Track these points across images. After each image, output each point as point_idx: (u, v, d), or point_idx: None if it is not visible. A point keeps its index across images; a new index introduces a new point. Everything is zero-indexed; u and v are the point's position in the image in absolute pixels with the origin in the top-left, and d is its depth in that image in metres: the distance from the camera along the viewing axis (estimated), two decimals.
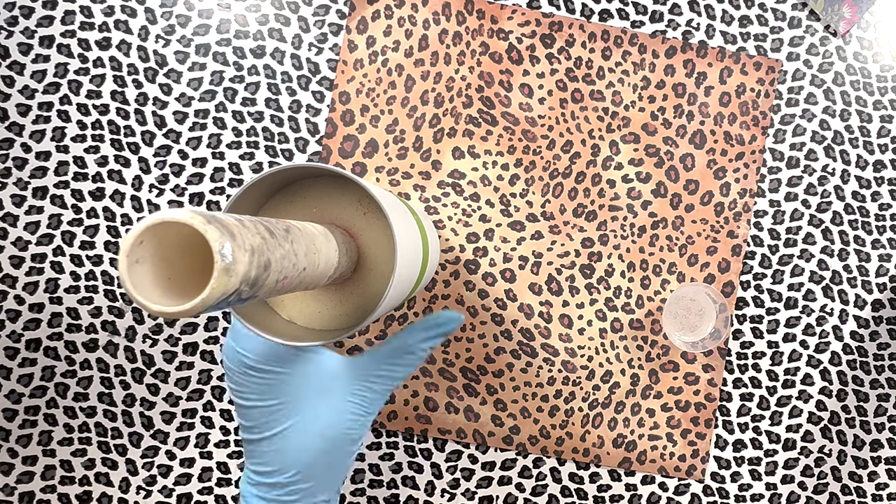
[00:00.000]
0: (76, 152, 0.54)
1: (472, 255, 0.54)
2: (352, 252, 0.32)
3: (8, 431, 0.53)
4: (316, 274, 0.28)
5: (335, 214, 0.34)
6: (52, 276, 0.54)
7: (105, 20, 0.54)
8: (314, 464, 0.36)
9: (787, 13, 0.56)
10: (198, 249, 0.24)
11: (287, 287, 0.26)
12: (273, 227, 0.25)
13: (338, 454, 0.37)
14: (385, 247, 0.34)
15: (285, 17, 0.54)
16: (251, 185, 0.29)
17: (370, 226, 0.34)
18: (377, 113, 0.54)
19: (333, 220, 0.34)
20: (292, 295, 0.34)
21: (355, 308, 0.34)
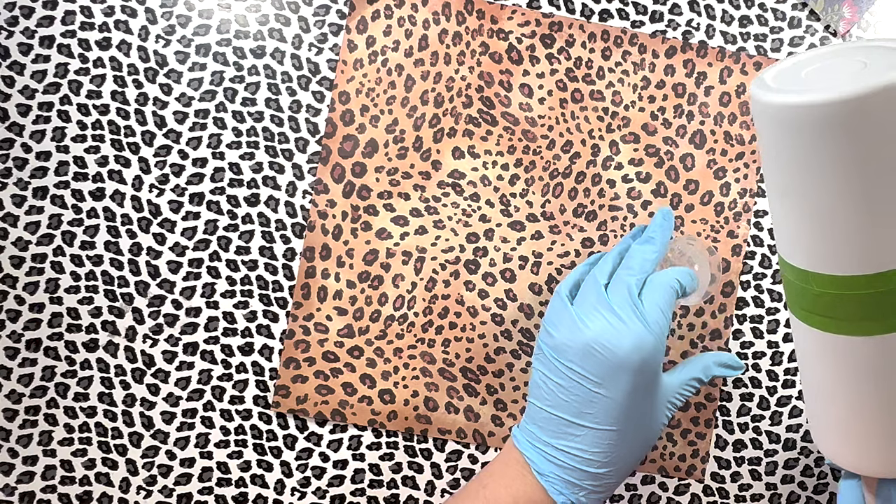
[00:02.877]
0: (76, 152, 0.54)
1: (472, 255, 0.54)
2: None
3: (8, 431, 0.53)
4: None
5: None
6: (52, 276, 0.54)
7: (105, 20, 0.54)
8: (629, 468, 0.41)
9: (787, 13, 0.56)
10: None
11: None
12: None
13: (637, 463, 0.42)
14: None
15: (285, 17, 0.54)
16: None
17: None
18: (377, 113, 0.54)
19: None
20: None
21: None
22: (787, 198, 0.29)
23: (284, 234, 0.54)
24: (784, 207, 0.30)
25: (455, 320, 0.54)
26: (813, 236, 0.29)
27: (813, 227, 0.29)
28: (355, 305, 0.54)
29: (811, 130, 0.26)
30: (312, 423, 0.54)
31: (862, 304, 0.29)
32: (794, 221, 0.30)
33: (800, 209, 0.29)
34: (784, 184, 0.29)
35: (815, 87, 0.26)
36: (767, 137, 0.29)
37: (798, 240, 0.30)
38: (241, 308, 0.54)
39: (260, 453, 0.54)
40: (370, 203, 0.54)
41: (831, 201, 0.28)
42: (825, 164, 0.27)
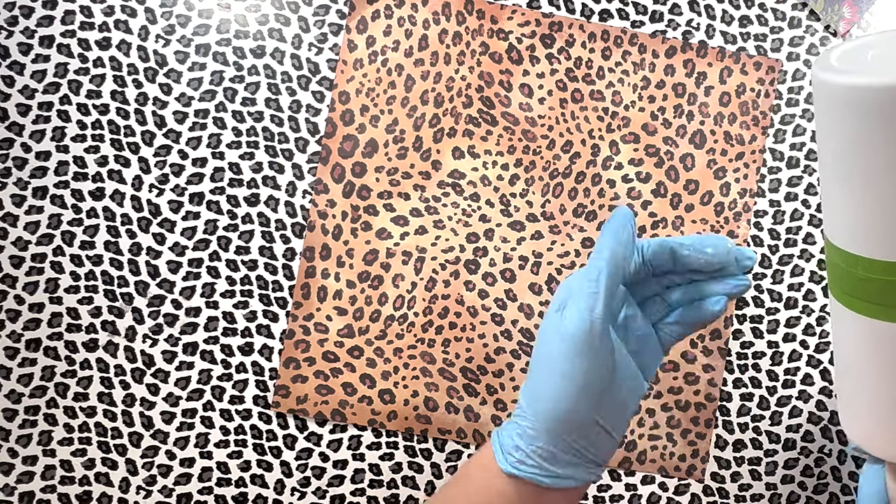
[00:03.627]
0: (76, 152, 0.54)
1: (472, 255, 0.54)
2: None
3: (8, 431, 0.53)
4: None
5: None
6: (52, 276, 0.54)
7: (105, 20, 0.54)
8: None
9: (787, 13, 0.56)
10: None
11: None
12: None
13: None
14: None
15: (285, 17, 0.54)
16: None
17: None
18: (377, 113, 0.54)
19: None
20: None
21: None
22: (844, 181, 0.29)
23: (284, 234, 0.54)
24: (840, 190, 0.29)
25: (455, 320, 0.54)
26: (866, 220, 0.29)
27: (868, 211, 0.28)
28: (355, 305, 0.54)
29: (876, 113, 0.26)
30: (312, 423, 0.54)
31: (880, 290, 0.28)
32: (849, 204, 0.29)
33: (857, 192, 0.28)
34: (842, 166, 0.29)
35: (882, 70, 0.26)
36: (829, 118, 0.28)
37: (849, 223, 0.29)
38: (241, 308, 0.54)
39: (260, 453, 0.54)
40: (370, 203, 0.54)
41: (891, 185, 0.27)
42: (889, 148, 0.27)
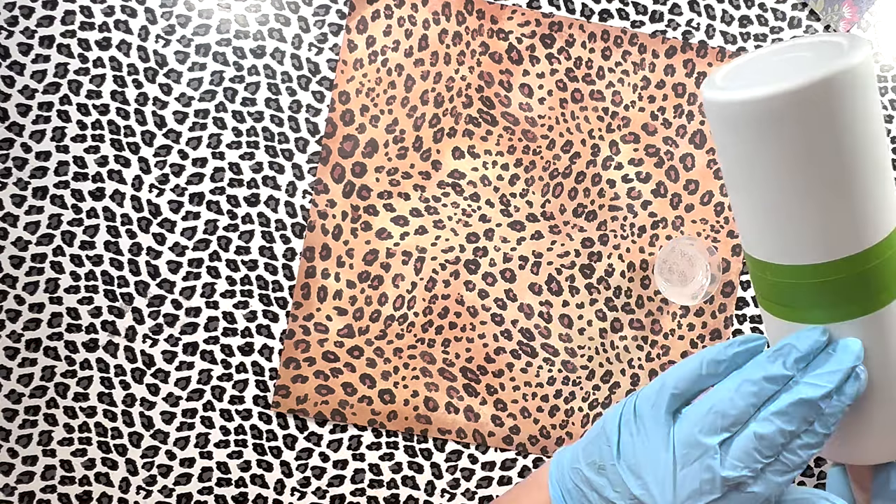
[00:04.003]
0: (76, 152, 0.54)
1: (472, 255, 0.54)
2: None
3: (8, 431, 0.53)
4: None
5: None
6: (52, 276, 0.54)
7: (105, 20, 0.54)
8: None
9: (787, 13, 0.56)
10: None
11: None
12: None
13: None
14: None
15: (285, 17, 0.54)
16: None
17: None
18: (377, 113, 0.54)
19: None
20: None
21: None
22: (739, 192, 0.30)
23: (284, 234, 0.54)
24: (738, 201, 0.30)
25: (455, 320, 0.54)
26: (764, 228, 0.29)
27: (764, 219, 0.29)
28: (355, 305, 0.54)
29: (754, 125, 0.27)
30: (312, 423, 0.54)
31: (813, 292, 0.29)
32: (748, 214, 0.30)
33: (751, 202, 0.29)
34: (735, 178, 0.29)
35: (758, 84, 0.27)
36: (717, 134, 0.29)
37: (752, 231, 0.30)
38: (241, 308, 0.54)
39: (260, 453, 0.54)
40: (370, 203, 0.54)
41: (776, 194, 0.28)
42: (768, 158, 0.27)
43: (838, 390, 0.28)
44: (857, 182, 0.27)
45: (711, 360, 0.29)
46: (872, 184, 0.27)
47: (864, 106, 0.26)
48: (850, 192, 0.27)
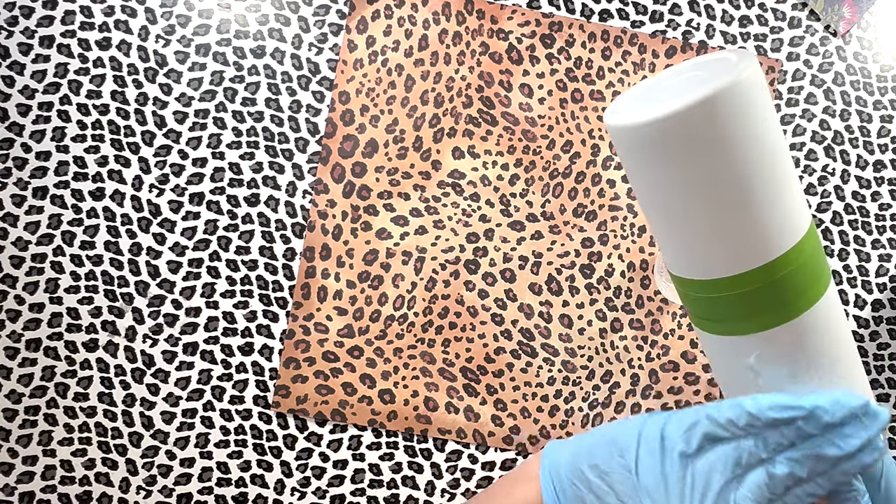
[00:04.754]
0: (76, 152, 0.54)
1: (472, 255, 0.54)
2: None
3: (8, 431, 0.53)
4: None
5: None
6: (52, 276, 0.54)
7: (105, 20, 0.54)
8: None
9: (787, 13, 0.56)
10: None
11: None
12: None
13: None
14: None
15: (285, 17, 0.54)
16: None
17: None
18: (377, 113, 0.54)
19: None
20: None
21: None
22: (648, 212, 0.30)
23: (284, 234, 0.54)
24: (650, 221, 0.31)
25: (455, 320, 0.54)
26: (677, 246, 0.30)
27: (675, 237, 0.30)
28: (355, 305, 0.54)
29: (647, 148, 0.27)
30: (312, 423, 0.54)
31: (732, 305, 0.30)
32: (660, 233, 0.31)
33: (660, 222, 0.30)
34: (642, 199, 0.30)
35: (648, 108, 0.27)
36: (621, 157, 0.30)
37: (668, 250, 0.31)
38: (241, 308, 0.54)
39: (260, 453, 0.54)
40: (370, 203, 0.54)
41: (680, 212, 0.29)
42: (665, 178, 0.28)
43: (853, 455, 0.29)
44: (755, 195, 0.27)
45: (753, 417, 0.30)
46: (773, 195, 0.28)
47: (754, 119, 0.27)
48: (751, 206, 0.27)
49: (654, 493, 0.30)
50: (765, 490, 0.30)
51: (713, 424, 0.30)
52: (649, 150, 0.27)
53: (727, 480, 0.30)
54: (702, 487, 0.30)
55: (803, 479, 0.30)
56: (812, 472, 0.30)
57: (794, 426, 0.30)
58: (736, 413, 0.30)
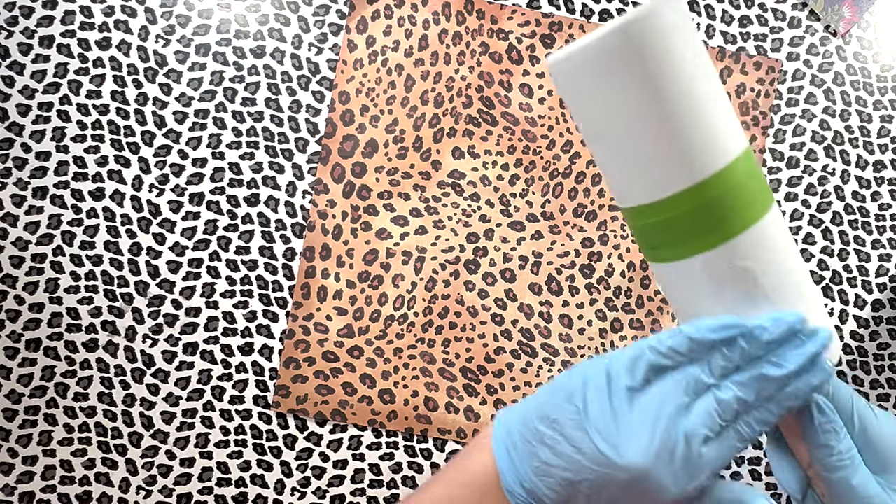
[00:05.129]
0: (76, 152, 0.54)
1: (472, 255, 0.54)
2: None
3: (8, 431, 0.53)
4: None
5: None
6: (52, 276, 0.54)
7: (105, 20, 0.54)
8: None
9: (787, 13, 0.56)
10: None
11: None
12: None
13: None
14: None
15: (285, 17, 0.54)
16: None
17: None
18: (377, 113, 0.54)
19: None
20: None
21: None
22: (590, 145, 0.32)
23: (284, 234, 0.54)
24: (594, 155, 0.33)
25: (455, 320, 0.54)
26: (617, 173, 0.32)
27: (611, 167, 0.32)
28: (355, 305, 0.54)
29: (574, 79, 0.30)
30: (312, 423, 0.54)
31: (672, 229, 0.31)
32: (602, 164, 0.33)
33: (599, 152, 0.32)
34: (584, 133, 0.32)
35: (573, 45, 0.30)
36: (563, 97, 0.32)
37: (610, 181, 0.33)
38: (241, 308, 0.54)
39: (260, 453, 0.54)
40: (370, 203, 0.54)
41: (608, 139, 0.31)
42: (593, 107, 0.30)
43: (799, 375, 0.30)
44: (681, 116, 0.29)
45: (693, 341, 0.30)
46: (699, 116, 0.29)
47: (674, 43, 0.29)
48: (677, 126, 0.29)
49: (604, 431, 0.30)
50: (715, 417, 0.30)
51: (656, 354, 0.30)
52: (580, 79, 0.30)
53: (676, 409, 0.30)
54: (651, 419, 0.29)
55: (750, 403, 0.30)
56: (759, 395, 0.30)
57: (736, 348, 0.30)
58: (676, 340, 0.30)
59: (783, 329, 0.30)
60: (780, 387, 0.30)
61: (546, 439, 0.31)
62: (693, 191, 0.30)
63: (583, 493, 0.30)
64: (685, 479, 0.30)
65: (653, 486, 0.30)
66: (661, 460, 0.29)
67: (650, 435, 0.29)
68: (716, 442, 0.30)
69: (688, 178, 0.30)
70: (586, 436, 0.30)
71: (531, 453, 0.32)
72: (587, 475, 0.30)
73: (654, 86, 0.29)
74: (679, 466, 0.30)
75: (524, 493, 0.32)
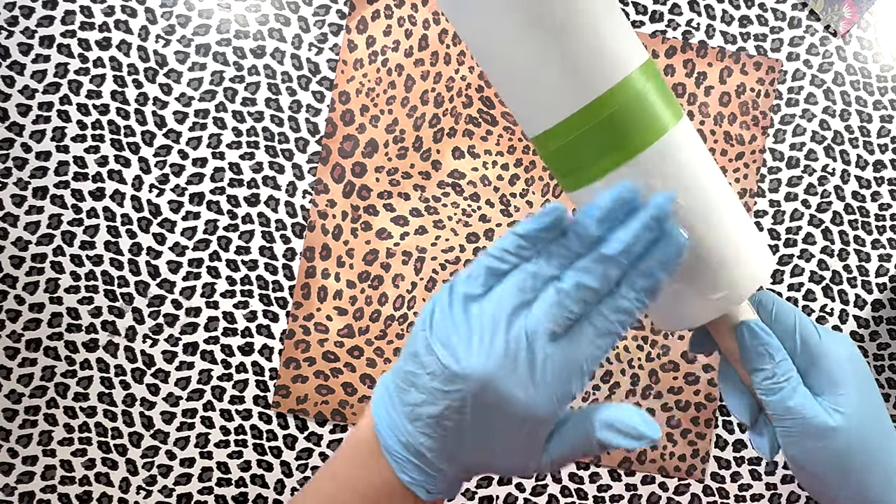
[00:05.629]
0: (76, 152, 0.54)
1: (473, 255, 0.54)
2: None
3: (8, 431, 0.53)
4: None
5: None
6: (52, 276, 0.54)
7: (105, 20, 0.54)
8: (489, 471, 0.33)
9: (787, 13, 0.56)
10: None
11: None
12: None
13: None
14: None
15: (285, 17, 0.54)
16: None
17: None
18: (377, 113, 0.54)
19: None
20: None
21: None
22: (491, 78, 0.32)
23: (284, 234, 0.54)
24: (496, 88, 0.32)
25: None
26: (516, 103, 0.31)
27: (504, 96, 0.32)
28: (355, 305, 0.54)
29: (459, 7, 0.29)
30: (312, 423, 0.54)
31: (569, 153, 0.31)
32: (503, 94, 0.32)
33: (495, 80, 0.32)
34: (482, 67, 0.32)
35: None
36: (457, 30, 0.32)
37: (515, 112, 0.32)
38: (241, 308, 0.54)
39: (260, 453, 0.54)
40: (370, 203, 0.54)
41: (501, 66, 0.30)
42: (469, 36, 0.30)
43: (647, 250, 0.28)
44: (568, 34, 0.29)
45: (519, 236, 0.28)
46: (588, 32, 0.29)
47: None
48: (565, 44, 0.29)
49: (445, 343, 0.27)
50: (558, 309, 0.27)
51: (490, 258, 0.28)
52: (464, 6, 0.29)
53: (514, 308, 0.27)
54: (490, 323, 0.27)
55: (598, 289, 0.27)
56: (605, 279, 0.27)
57: (574, 236, 0.27)
58: (507, 240, 0.28)
59: (610, 201, 0.27)
60: (629, 266, 0.28)
61: (411, 377, 0.29)
62: (589, 109, 0.29)
63: (451, 431, 0.28)
64: (539, 387, 0.27)
65: (504, 397, 0.27)
66: (503, 364, 0.27)
67: (487, 336, 0.27)
68: (566, 339, 0.27)
69: (583, 96, 0.29)
70: (435, 356, 0.28)
71: (402, 400, 0.29)
72: (443, 400, 0.27)
73: (530, 6, 0.28)
74: (525, 370, 0.27)
75: (402, 450, 0.29)
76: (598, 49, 0.29)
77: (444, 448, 0.29)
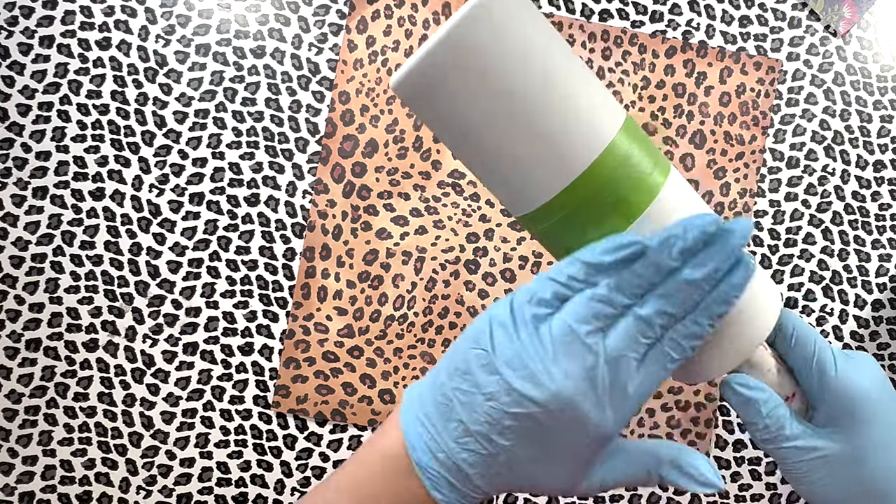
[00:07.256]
0: (76, 152, 0.54)
1: (472, 255, 0.54)
2: None
3: (8, 431, 0.53)
4: None
5: None
6: (52, 276, 0.54)
7: (105, 20, 0.54)
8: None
9: (787, 13, 0.56)
10: None
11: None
12: None
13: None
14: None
15: (285, 17, 0.54)
16: None
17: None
18: (377, 113, 0.54)
19: None
20: None
21: None
22: (466, 164, 0.31)
23: (284, 234, 0.54)
24: (473, 172, 0.32)
25: (455, 320, 0.54)
26: (501, 185, 0.30)
27: (495, 178, 0.30)
28: (355, 305, 0.54)
29: (417, 90, 0.28)
30: (312, 423, 0.54)
31: (559, 233, 0.30)
32: (481, 179, 0.31)
33: (470, 167, 0.30)
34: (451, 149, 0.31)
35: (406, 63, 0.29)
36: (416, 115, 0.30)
37: (497, 194, 0.31)
38: (241, 308, 0.54)
39: (260, 453, 0.54)
40: (370, 203, 0.54)
41: (480, 149, 0.29)
42: (436, 127, 0.29)
43: (723, 276, 0.28)
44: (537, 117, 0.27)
45: (590, 265, 0.28)
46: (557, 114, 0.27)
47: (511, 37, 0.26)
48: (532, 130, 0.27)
49: (513, 363, 0.27)
50: (638, 337, 0.27)
51: (557, 285, 0.28)
52: (423, 94, 0.28)
53: (587, 332, 0.27)
54: (566, 347, 0.27)
55: (675, 315, 0.27)
56: (684, 304, 0.27)
57: (648, 262, 0.27)
58: (574, 268, 0.28)
59: (697, 234, 0.27)
60: (706, 292, 0.28)
61: (458, 394, 0.28)
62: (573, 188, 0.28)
63: (504, 449, 0.28)
64: (610, 409, 0.28)
65: (578, 419, 0.27)
66: (581, 388, 0.27)
67: (566, 360, 0.27)
68: (642, 364, 0.28)
69: (568, 172, 0.28)
70: (499, 377, 0.27)
71: (445, 415, 0.29)
72: (506, 422, 0.28)
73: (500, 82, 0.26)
74: (602, 393, 0.27)
75: (437, 467, 0.29)
76: (572, 129, 0.28)
77: (492, 465, 0.29)
